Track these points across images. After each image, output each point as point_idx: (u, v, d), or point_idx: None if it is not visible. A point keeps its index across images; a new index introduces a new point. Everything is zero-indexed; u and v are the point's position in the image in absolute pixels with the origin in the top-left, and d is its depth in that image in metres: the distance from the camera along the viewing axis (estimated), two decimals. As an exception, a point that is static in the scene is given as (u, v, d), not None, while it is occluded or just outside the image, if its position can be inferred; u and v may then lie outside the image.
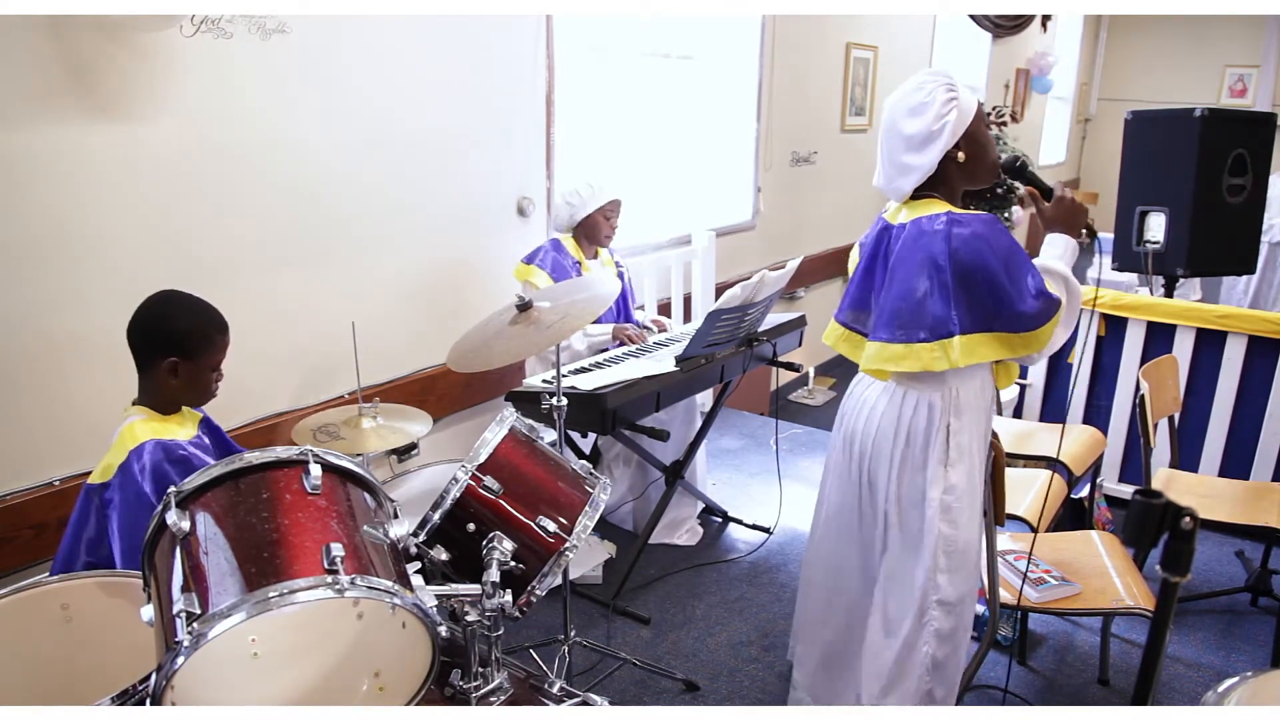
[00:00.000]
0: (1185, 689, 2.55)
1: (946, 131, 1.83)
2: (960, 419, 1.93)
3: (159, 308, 1.78)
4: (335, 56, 2.62)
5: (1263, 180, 3.97)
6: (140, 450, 1.66)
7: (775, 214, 5.03)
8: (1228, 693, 1.35)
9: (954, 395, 1.92)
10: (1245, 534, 3.28)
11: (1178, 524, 1.07)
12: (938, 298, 1.82)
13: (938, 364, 1.83)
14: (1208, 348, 3.42)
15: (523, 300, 2.18)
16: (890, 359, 1.89)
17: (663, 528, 3.25)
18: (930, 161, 1.86)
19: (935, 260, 1.81)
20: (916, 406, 1.93)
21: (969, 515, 1.96)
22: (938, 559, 1.93)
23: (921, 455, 1.94)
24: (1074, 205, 1.94)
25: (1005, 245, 1.80)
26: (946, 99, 1.84)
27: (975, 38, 7.34)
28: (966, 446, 1.94)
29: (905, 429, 1.94)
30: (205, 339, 1.78)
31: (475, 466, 1.60)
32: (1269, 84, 9.46)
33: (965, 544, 1.95)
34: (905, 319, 1.86)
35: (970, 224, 1.80)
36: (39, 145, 2.04)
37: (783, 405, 5.17)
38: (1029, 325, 1.81)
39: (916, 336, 1.85)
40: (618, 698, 2.45)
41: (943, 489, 1.92)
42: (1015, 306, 1.79)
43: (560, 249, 3.09)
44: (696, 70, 4.46)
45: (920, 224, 1.86)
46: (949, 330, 1.82)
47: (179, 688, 1.18)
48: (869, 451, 2.00)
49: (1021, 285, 1.79)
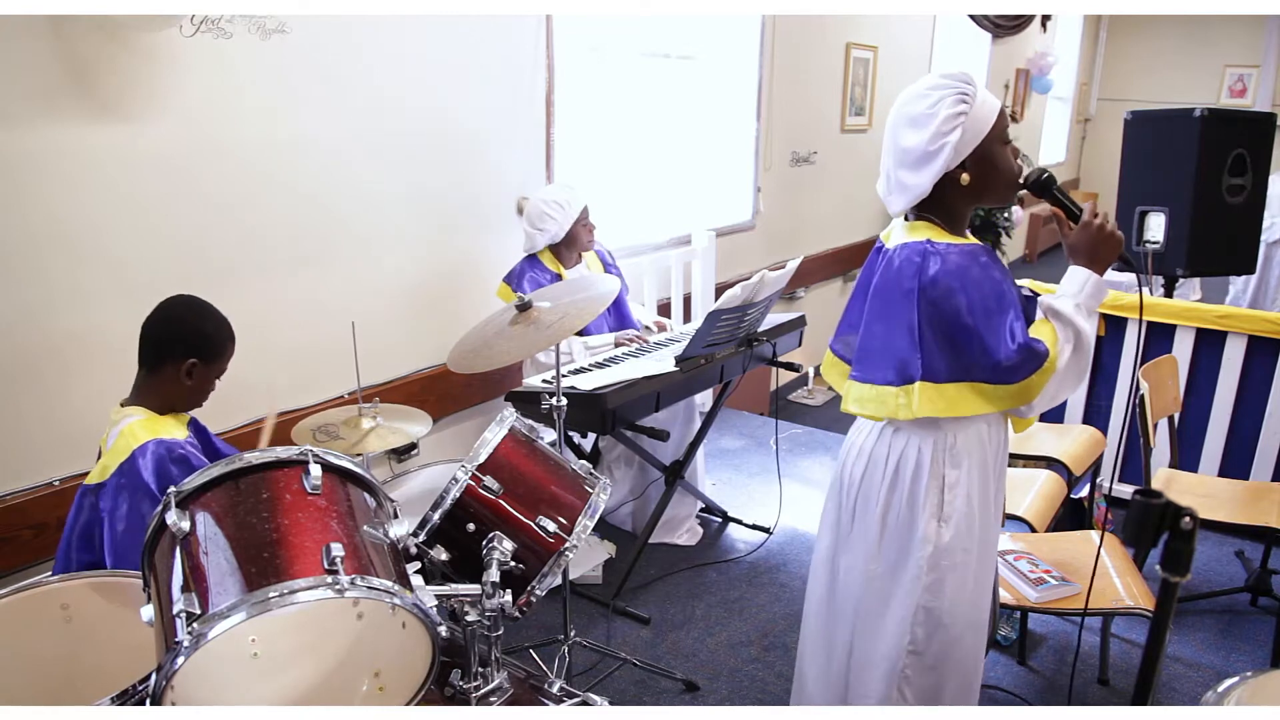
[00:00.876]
0: (1185, 689, 2.55)
1: (945, 153, 1.61)
2: (958, 469, 1.70)
3: (185, 310, 1.82)
4: (335, 57, 2.62)
5: (1262, 180, 3.97)
6: (144, 449, 1.67)
7: (775, 214, 5.03)
8: (1227, 693, 1.35)
9: (949, 441, 1.70)
10: (1245, 534, 3.28)
11: (1178, 524, 1.07)
12: (904, 338, 1.62)
13: (901, 412, 1.64)
14: (1207, 348, 3.42)
15: (523, 300, 2.18)
16: (857, 400, 1.72)
17: (662, 528, 3.25)
18: (923, 184, 1.64)
19: (907, 296, 1.61)
20: (905, 450, 1.72)
21: (959, 576, 1.73)
22: (917, 614, 1.74)
23: (909, 506, 1.72)
24: (1104, 234, 1.66)
25: (983, 284, 1.59)
26: (952, 114, 1.60)
27: (975, 38, 7.34)
28: (964, 501, 1.71)
29: (894, 470, 1.73)
30: (224, 345, 1.84)
31: (475, 466, 1.59)
32: (1269, 84, 9.46)
33: (950, 604, 1.73)
34: (874, 358, 1.69)
35: (946, 257, 1.59)
36: (39, 145, 2.04)
37: (782, 405, 5.17)
38: (1006, 378, 1.59)
39: (883, 378, 1.67)
40: (618, 698, 2.45)
41: (933, 547, 1.71)
42: (990, 355, 1.58)
43: (537, 265, 3.07)
44: (696, 70, 4.46)
45: (901, 253, 1.66)
46: (911, 374, 1.63)
47: (179, 688, 1.18)
48: (855, 493, 1.80)
49: (997, 331, 1.57)
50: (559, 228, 3.03)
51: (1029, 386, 1.60)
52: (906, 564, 1.74)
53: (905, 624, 1.75)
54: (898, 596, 1.76)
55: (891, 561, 1.77)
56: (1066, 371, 1.62)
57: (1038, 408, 1.66)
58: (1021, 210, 6.47)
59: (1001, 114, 1.67)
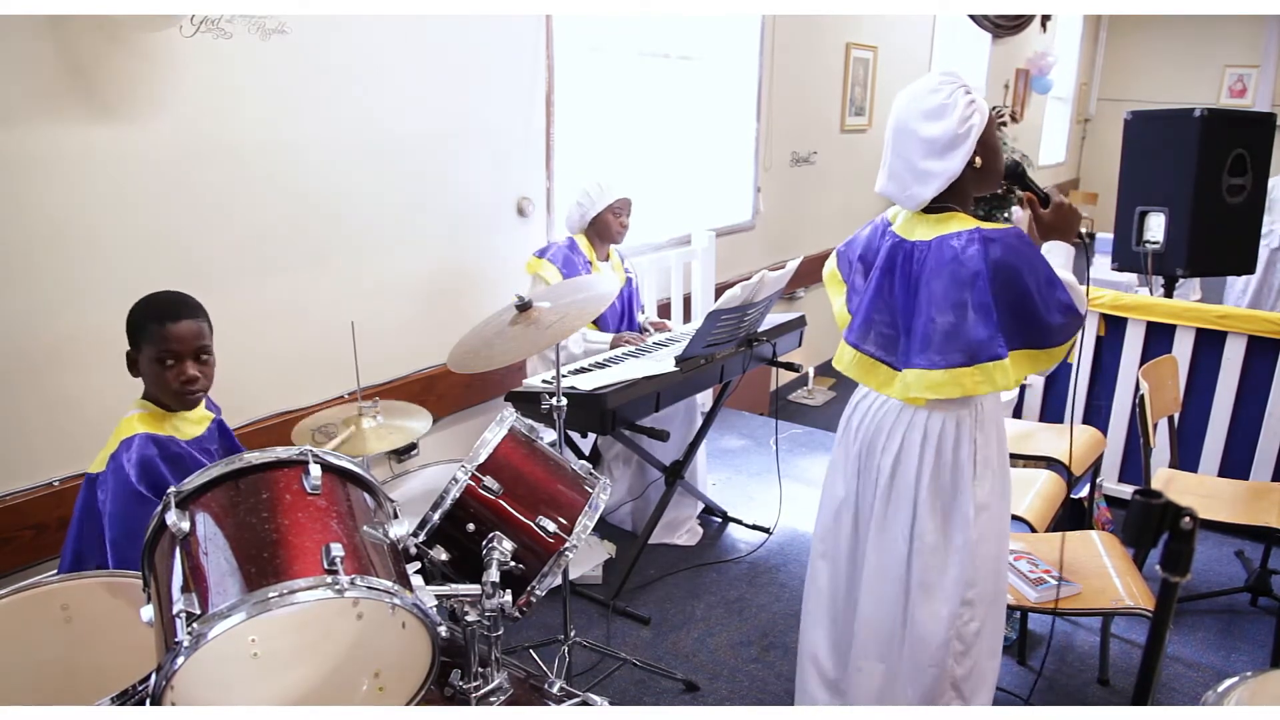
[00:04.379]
0: (1185, 689, 2.55)
1: (973, 135, 1.78)
2: (985, 432, 1.89)
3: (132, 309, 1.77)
4: (335, 57, 2.62)
5: (1262, 180, 3.97)
6: (130, 441, 1.68)
7: (775, 214, 5.03)
8: (1227, 693, 1.35)
9: (980, 409, 1.89)
10: (1245, 534, 3.28)
11: (1177, 524, 1.07)
12: (978, 319, 1.76)
13: (980, 388, 1.79)
14: (1207, 348, 3.42)
15: (522, 300, 2.18)
16: (930, 386, 1.83)
17: (662, 528, 3.25)
18: (955, 167, 1.78)
19: (974, 280, 1.75)
20: (944, 426, 1.87)
21: (997, 526, 1.92)
22: (967, 570, 1.89)
23: (951, 474, 1.88)
24: (1070, 210, 1.89)
25: (1037, 260, 1.76)
26: (969, 101, 1.78)
27: (975, 38, 7.34)
28: (992, 459, 1.90)
29: (933, 450, 1.88)
30: (142, 328, 1.71)
31: (475, 466, 1.59)
32: (1269, 84, 9.46)
33: (995, 553, 1.91)
34: (942, 343, 1.80)
35: (1003, 239, 1.75)
36: (38, 145, 2.04)
37: (782, 405, 5.17)
38: (1056, 340, 1.79)
39: (956, 361, 1.79)
40: (618, 698, 2.45)
41: (974, 506, 1.88)
42: (1046, 324, 1.77)
43: (574, 247, 3.10)
44: (696, 70, 4.46)
45: (950, 242, 1.79)
46: (995, 353, 1.77)
47: (179, 688, 1.18)
48: (889, 478, 1.93)
49: (1051, 301, 1.76)
50: (591, 206, 3.09)
51: (1066, 347, 1.81)
52: (954, 529, 1.90)
53: (960, 586, 1.90)
54: (952, 562, 1.91)
55: (940, 530, 1.91)
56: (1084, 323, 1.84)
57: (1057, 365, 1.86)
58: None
59: (991, 109, 1.87)
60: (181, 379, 1.72)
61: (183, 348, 1.71)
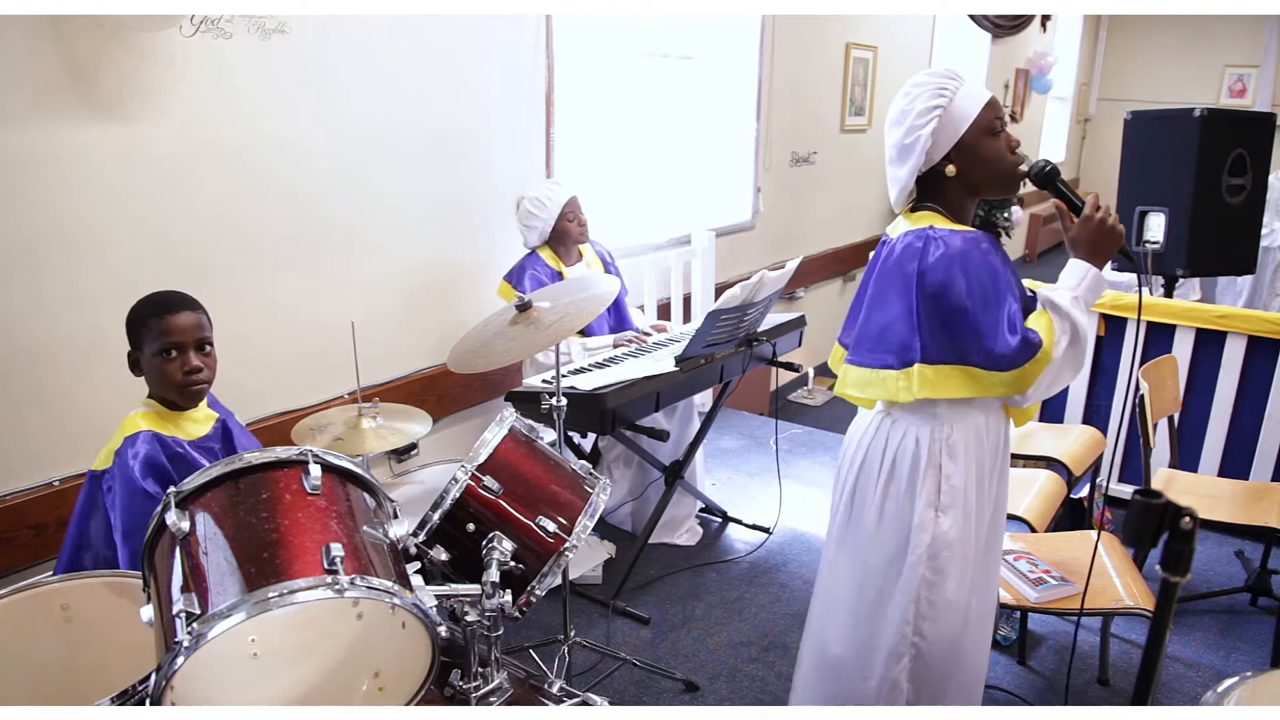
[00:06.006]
0: (1185, 689, 2.55)
1: (919, 146, 1.66)
2: (955, 461, 1.73)
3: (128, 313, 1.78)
4: (335, 57, 2.62)
5: (1262, 180, 3.97)
6: (135, 438, 1.68)
7: (775, 214, 5.03)
8: (1227, 693, 1.35)
9: (946, 432, 1.73)
10: (1245, 534, 3.28)
11: (1177, 524, 1.07)
12: (904, 321, 1.67)
13: (902, 395, 1.68)
14: (1207, 348, 3.42)
15: (522, 300, 2.18)
16: (855, 384, 1.76)
17: (662, 528, 3.25)
18: (904, 178, 1.71)
19: (907, 280, 1.66)
20: (903, 440, 1.76)
21: (959, 568, 1.77)
22: (919, 605, 1.77)
23: (908, 493, 1.75)
24: (1105, 228, 1.66)
25: (982, 270, 1.61)
26: (926, 108, 1.66)
27: (975, 38, 7.34)
28: (961, 492, 1.74)
29: (890, 461, 1.77)
30: (141, 325, 1.73)
31: (475, 466, 1.59)
32: (1269, 84, 9.46)
33: (952, 596, 1.77)
34: (873, 342, 1.73)
35: (947, 243, 1.63)
36: (38, 145, 2.04)
37: (782, 405, 5.17)
38: (1000, 365, 1.61)
39: (884, 362, 1.70)
40: (618, 698, 2.45)
41: (930, 537, 1.74)
42: (984, 341, 1.61)
43: (537, 263, 3.09)
44: (696, 70, 4.46)
45: (904, 238, 1.70)
46: (910, 358, 1.66)
47: (179, 688, 1.18)
48: (853, 486, 1.84)
49: (995, 318, 1.60)
50: (544, 224, 3.08)
51: (1023, 375, 1.62)
52: (904, 553, 1.77)
53: (906, 613, 1.78)
54: (898, 586, 1.79)
55: (889, 552, 1.79)
56: (1062, 363, 1.63)
57: (1033, 398, 1.67)
58: (1021, 210, 6.47)
59: (991, 106, 1.69)
60: (185, 369, 1.73)
61: (184, 338, 1.73)
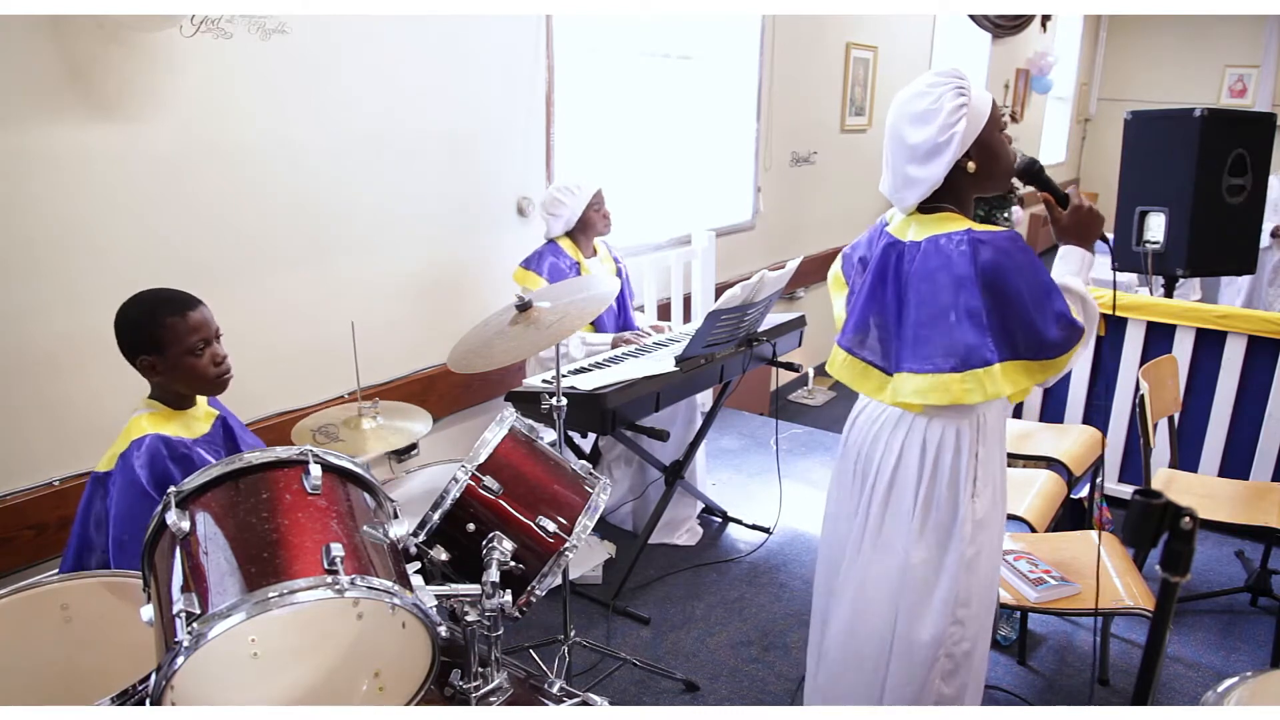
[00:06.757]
0: (1185, 689, 2.55)
1: (955, 143, 1.70)
2: (986, 445, 1.81)
3: (120, 313, 1.76)
4: (335, 57, 2.62)
5: (1262, 180, 3.97)
6: (141, 441, 1.68)
7: (775, 214, 5.03)
8: (1227, 693, 1.35)
9: (981, 421, 1.80)
10: (1245, 534, 3.28)
11: (1177, 524, 1.07)
12: (968, 324, 1.68)
13: (970, 396, 1.70)
14: (1207, 348, 3.42)
15: (522, 300, 2.18)
16: (918, 392, 1.75)
17: (662, 528, 3.25)
18: (936, 175, 1.72)
19: (962, 284, 1.68)
20: (943, 435, 1.79)
21: (993, 548, 1.85)
22: (958, 606, 1.82)
23: (950, 487, 1.80)
24: (1091, 214, 1.80)
25: (1031, 267, 1.68)
26: (955, 106, 1.69)
27: (975, 38, 7.35)
28: (992, 474, 1.82)
29: (931, 460, 1.80)
30: (161, 327, 1.72)
31: (475, 466, 1.59)
32: (1269, 84, 9.46)
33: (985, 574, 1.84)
34: (931, 348, 1.73)
35: (993, 242, 1.67)
36: (38, 145, 2.04)
37: (782, 405, 5.17)
38: (1052, 353, 1.69)
39: (945, 366, 1.71)
40: (618, 698, 2.45)
41: (972, 524, 1.80)
42: (1040, 334, 1.67)
43: (558, 251, 3.10)
44: (696, 70, 4.46)
45: (939, 243, 1.71)
46: (985, 359, 1.68)
47: (179, 688, 1.18)
48: (886, 488, 1.85)
49: (1046, 310, 1.67)
50: (571, 212, 3.09)
51: (1065, 360, 1.71)
52: (950, 545, 1.82)
53: (950, 605, 1.82)
54: (943, 579, 1.83)
55: (934, 545, 1.83)
56: (1087, 338, 1.74)
57: (1058, 378, 1.77)
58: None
59: (994, 104, 1.77)
60: (216, 360, 1.78)
61: (208, 332, 1.78)
